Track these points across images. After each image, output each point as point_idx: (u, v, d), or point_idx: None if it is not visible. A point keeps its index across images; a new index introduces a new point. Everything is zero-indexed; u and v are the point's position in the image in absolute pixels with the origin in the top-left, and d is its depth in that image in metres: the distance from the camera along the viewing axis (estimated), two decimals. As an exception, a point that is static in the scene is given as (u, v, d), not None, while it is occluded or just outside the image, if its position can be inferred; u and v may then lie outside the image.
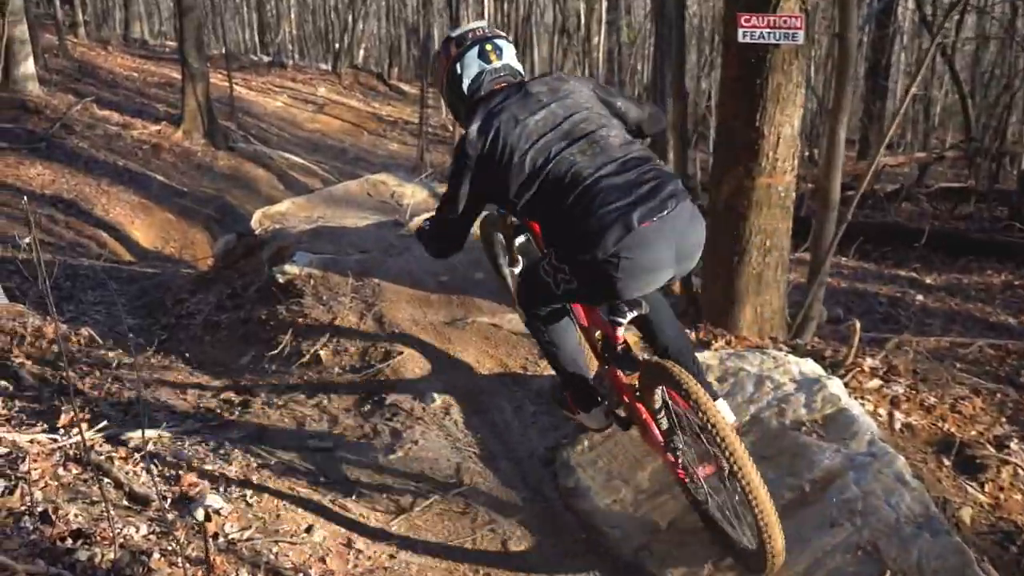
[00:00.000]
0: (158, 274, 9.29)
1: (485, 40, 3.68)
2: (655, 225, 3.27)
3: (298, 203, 8.40)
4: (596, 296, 3.58)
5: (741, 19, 5.18)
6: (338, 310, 5.76)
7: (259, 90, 25.78)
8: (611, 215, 3.27)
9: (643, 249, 3.28)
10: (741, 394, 4.30)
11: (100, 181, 14.76)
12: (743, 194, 5.47)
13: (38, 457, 3.72)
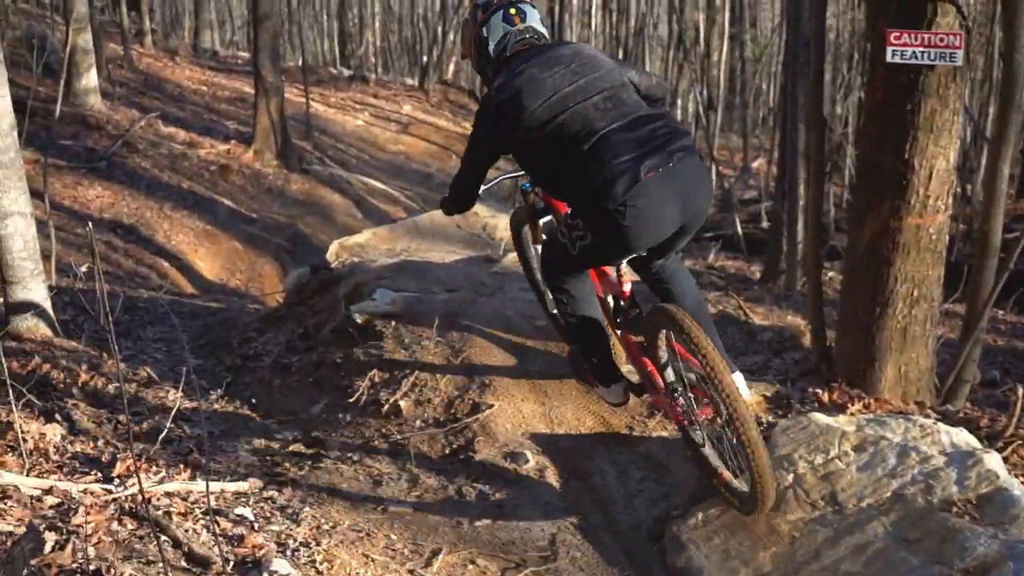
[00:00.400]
0: (223, 309, 9.48)
1: (509, 4, 4.36)
2: (660, 175, 3.90)
3: (379, 234, 8.52)
4: (608, 249, 4.17)
5: (890, 36, 5.13)
6: (422, 355, 5.81)
7: (338, 107, 26.25)
8: (621, 166, 3.88)
9: (649, 199, 3.90)
10: (881, 467, 4.22)
11: (163, 205, 15.15)
12: (888, 236, 5.38)
13: (92, 509, 3.80)
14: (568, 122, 4.03)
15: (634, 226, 3.95)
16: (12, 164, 6.23)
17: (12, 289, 6.44)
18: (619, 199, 3.89)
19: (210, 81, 24.68)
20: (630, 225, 3.93)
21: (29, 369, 5.81)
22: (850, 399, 5.39)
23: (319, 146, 21.45)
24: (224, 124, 20.53)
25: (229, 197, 16.71)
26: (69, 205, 13.84)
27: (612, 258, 4.35)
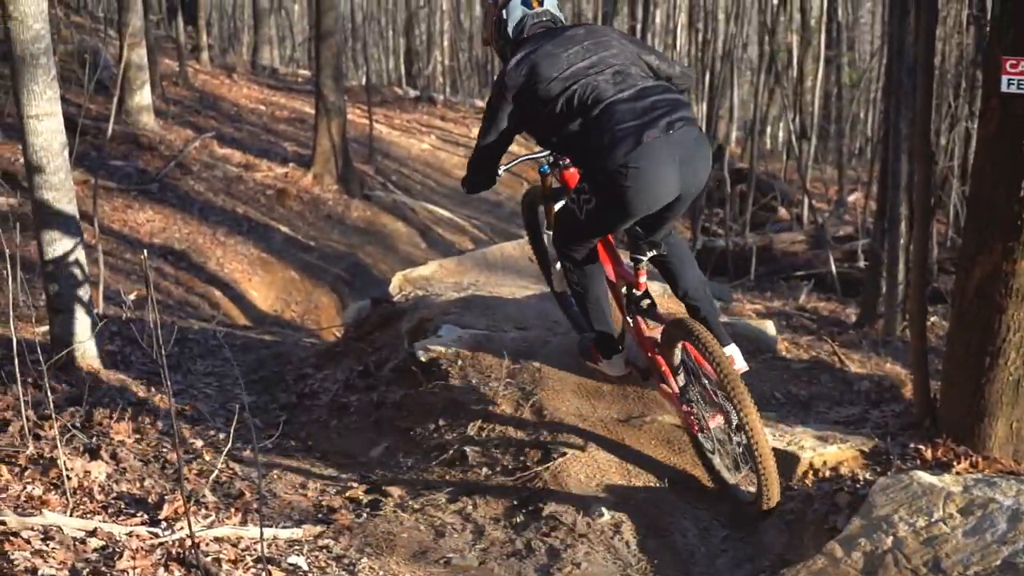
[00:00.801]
0: (277, 343, 9.57)
1: None
2: (661, 141, 4.48)
3: (446, 266, 8.54)
4: (612, 211, 4.71)
5: (1006, 64, 5.08)
6: (490, 398, 5.81)
7: (403, 129, 26.47)
8: (624, 131, 4.50)
9: (649, 161, 4.48)
10: (991, 532, 4.14)
11: (216, 230, 15.35)
12: (1000, 279, 5.30)
13: (137, 553, 3.84)
14: (579, 92, 4.66)
15: (634, 187, 4.54)
16: (62, 186, 6.35)
17: (59, 318, 6.55)
18: (620, 160, 4.50)
19: (268, 100, 25.02)
20: (631, 186, 4.53)
21: (74, 403, 5.90)
22: (956, 457, 5.30)
23: (382, 171, 21.64)
24: (282, 146, 20.80)
25: (286, 223, 16.90)
26: (118, 229, 14.07)
27: (616, 221, 4.85)
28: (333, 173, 18.76)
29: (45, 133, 6.20)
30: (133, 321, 8.99)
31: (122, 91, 16.82)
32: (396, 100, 30.61)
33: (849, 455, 5.31)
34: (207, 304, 13.01)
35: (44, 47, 6.11)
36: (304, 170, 18.80)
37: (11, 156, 14.54)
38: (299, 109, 24.27)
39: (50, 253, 6.45)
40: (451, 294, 7.46)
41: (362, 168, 20.50)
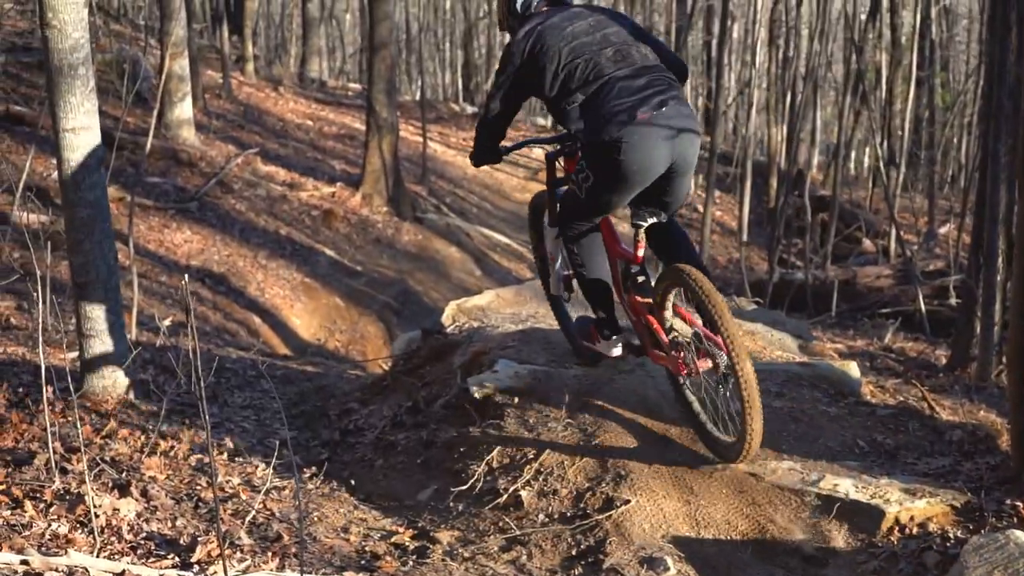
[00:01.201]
0: (320, 375, 9.60)
1: None
2: (652, 118, 5.07)
3: (503, 296, 8.54)
4: (608, 186, 5.28)
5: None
6: (548, 439, 5.79)
7: (459, 148, 26.59)
8: (619, 107, 5.08)
9: (641, 136, 5.06)
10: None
11: (257, 253, 15.48)
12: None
13: (167, 599, 3.85)
14: (582, 66, 5.24)
15: (627, 160, 5.11)
16: (98, 204, 6.42)
17: (89, 343, 6.60)
18: (614, 134, 5.09)
19: (316, 115, 25.22)
20: (624, 159, 5.11)
21: (104, 435, 5.94)
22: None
23: (436, 192, 21.74)
24: (330, 164, 20.96)
25: (332, 246, 17.01)
26: (154, 249, 14.22)
27: (613, 197, 5.40)
28: (383, 194, 18.86)
29: (81, 147, 6.27)
30: (168, 348, 9.06)
31: (162, 104, 17.01)
32: (452, 117, 30.75)
33: (939, 511, 5.23)
34: (246, 331, 13.11)
35: (83, 57, 6.18)
36: (352, 190, 18.92)
37: (43, 171, 14.74)
38: (348, 125, 24.46)
39: (82, 275, 6.51)
40: (508, 326, 7.45)
41: (414, 189, 20.61)
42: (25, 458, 5.26)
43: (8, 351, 8.41)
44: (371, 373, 9.97)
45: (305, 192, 18.71)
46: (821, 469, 5.51)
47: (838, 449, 5.81)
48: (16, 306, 10.28)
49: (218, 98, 23.10)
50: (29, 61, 19.40)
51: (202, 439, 6.23)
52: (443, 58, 42.70)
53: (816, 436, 5.92)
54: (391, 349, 12.95)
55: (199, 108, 20.45)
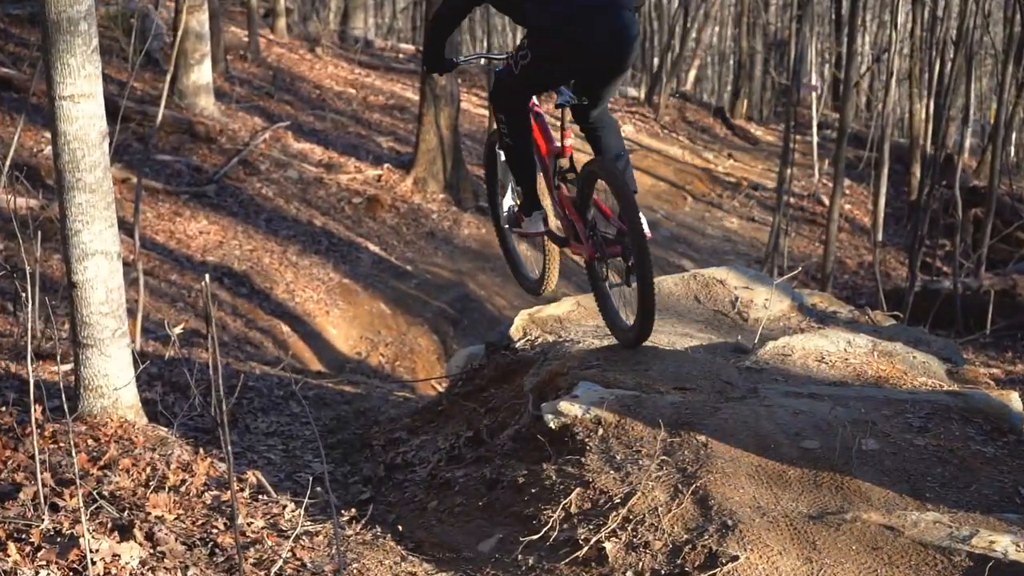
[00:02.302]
0: (361, 396, 9.64)
1: None
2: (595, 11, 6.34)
3: (585, 305, 8.53)
4: (545, 67, 6.59)
5: None
6: (638, 480, 5.77)
7: (532, 124, 26.57)
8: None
9: (580, 23, 6.33)
10: None
11: (287, 248, 15.56)
12: None
13: (177, 665, 3.87)
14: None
15: (566, 43, 6.41)
16: (99, 186, 6.43)
17: (86, 355, 6.62)
18: (557, 17, 6.36)
19: (360, 82, 25.31)
20: (562, 41, 6.41)
21: (102, 465, 5.98)
22: None
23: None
24: (375, 141, 21.04)
25: (376, 241, 17.07)
26: (163, 242, 14.33)
27: (547, 77, 6.77)
28: (440, 178, 18.90)
29: (81, 119, 6.29)
30: (179, 362, 9.13)
31: (176, 66, 17.12)
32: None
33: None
34: (272, 342, 13.19)
35: (85, 10, 6.20)
36: (403, 173, 18.98)
37: (34, 145, 14.92)
38: (399, 94, 24.55)
39: (78, 271, 6.51)
40: (591, 341, 7.43)
41: (477, 172, 20.61)
42: (9, 491, 5.30)
43: (-11, 362, 8.50)
44: (422, 395, 10.01)
45: (345, 175, 18.80)
46: (974, 523, 5.45)
47: (995, 498, 5.74)
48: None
49: (243, 60, 23.28)
50: (19, 14, 19.63)
51: (219, 472, 6.27)
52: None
53: (968, 482, 5.86)
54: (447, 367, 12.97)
55: (220, 72, 20.61)
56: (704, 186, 26.58)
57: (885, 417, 6.31)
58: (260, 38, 24.50)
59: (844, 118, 20.12)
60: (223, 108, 19.13)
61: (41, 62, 6.46)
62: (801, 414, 6.16)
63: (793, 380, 7.03)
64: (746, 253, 22.57)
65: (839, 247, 21.70)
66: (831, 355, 7.41)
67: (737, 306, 8.80)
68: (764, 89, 39.05)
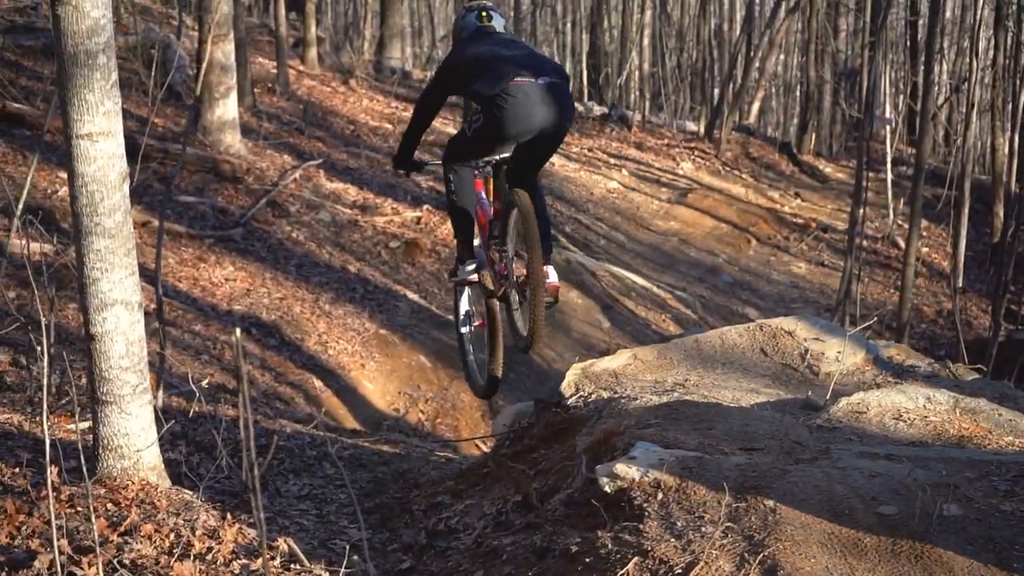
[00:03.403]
0: (400, 457, 9.65)
1: (482, 8, 8.27)
2: (534, 84, 7.59)
3: (642, 358, 8.53)
4: (492, 130, 7.74)
5: None
6: (701, 548, 5.75)
7: (582, 161, 26.67)
8: (508, 70, 7.62)
9: (522, 95, 7.56)
10: None
11: (319, 296, 15.60)
12: None
13: None
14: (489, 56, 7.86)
15: (509, 110, 7.59)
16: (119, 231, 6.46)
17: (105, 412, 6.62)
18: (500, 88, 7.59)
19: (397, 116, 25.44)
20: (507, 109, 7.59)
21: (123, 531, 6.00)
22: None
23: (552, 218, 21.73)
24: (414, 180, 21.10)
25: (415, 288, 17.10)
26: (186, 289, 14.40)
27: (495, 142, 7.95)
28: (484, 220, 18.90)
29: (100, 159, 6.31)
30: (204, 419, 9.16)
31: (200, 101, 17.20)
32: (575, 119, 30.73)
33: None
34: (303, 398, 13.21)
35: (104, 42, 6.23)
36: (443, 215, 18.98)
37: (48, 186, 15.03)
38: (438, 129, 24.56)
39: (97, 323, 6.52)
40: (649, 398, 7.43)
41: (524, 214, 20.62)
42: (23, 559, 5.32)
43: (1, 419, 8.52)
44: (466, 456, 10.00)
45: (382, 217, 18.87)
46: (1067, 595, 5.41)
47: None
48: (11, 360, 10.46)
49: (271, 93, 23.41)
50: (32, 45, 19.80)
51: (249, 539, 6.28)
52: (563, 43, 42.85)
53: (1060, 551, 5.81)
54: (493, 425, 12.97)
55: (246, 107, 20.73)
56: (769, 228, 26.54)
57: (968, 480, 6.28)
58: (289, 70, 24.63)
59: (921, 153, 20.04)
60: (250, 145, 19.22)
61: (56, 97, 6.48)
62: (877, 477, 6.13)
63: (868, 440, 7.00)
64: (815, 300, 22.52)
65: (916, 294, 21.61)
66: (909, 412, 7.38)
67: (807, 359, 8.79)
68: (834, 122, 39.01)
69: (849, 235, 20.84)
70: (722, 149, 30.81)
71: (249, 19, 25.66)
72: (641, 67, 37.07)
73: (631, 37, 36.95)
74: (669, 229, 24.33)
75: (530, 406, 8.23)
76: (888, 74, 35.64)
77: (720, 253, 24.13)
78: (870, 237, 25.12)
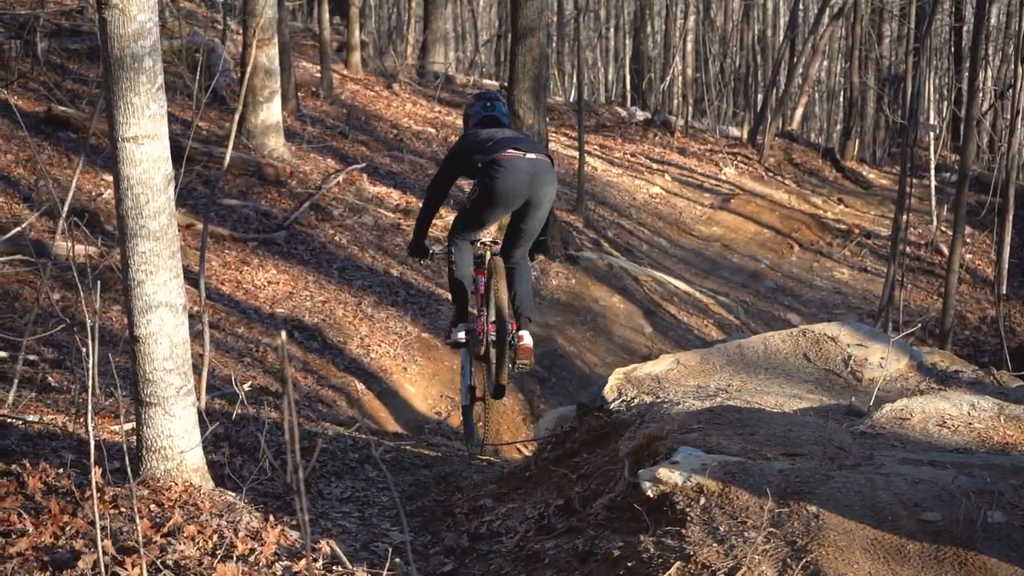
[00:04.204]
0: (441, 460, 9.65)
1: (489, 98, 9.57)
2: (521, 159, 8.77)
3: (685, 363, 8.51)
4: (486, 198, 8.86)
5: None
6: (744, 553, 5.72)
7: (624, 165, 26.64)
8: (500, 145, 8.86)
9: (510, 168, 8.75)
10: None
11: (361, 299, 15.62)
12: None
13: None
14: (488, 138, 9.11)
15: (499, 180, 8.79)
16: (164, 234, 6.47)
17: (149, 413, 6.64)
18: (493, 158, 8.81)
19: (440, 120, 25.45)
20: (498, 179, 8.78)
21: (166, 532, 6.01)
22: None
23: (594, 223, 21.79)
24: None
25: (458, 292, 17.07)
26: (230, 292, 14.44)
27: (488, 212, 9.14)
28: (526, 224, 18.89)
29: (145, 162, 6.33)
30: (246, 421, 9.18)
31: (244, 105, 17.21)
32: (617, 125, 30.85)
33: None
34: (345, 401, 13.23)
35: (150, 46, 6.24)
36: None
37: (92, 189, 15.09)
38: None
39: (141, 325, 6.52)
40: (692, 402, 7.41)
41: (566, 219, 20.69)
42: (67, 559, 5.34)
43: (46, 420, 8.55)
44: (508, 460, 9.98)
45: (425, 221, 18.85)
46: (1113, 604, 5.37)
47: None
48: (56, 361, 10.50)
49: (315, 97, 23.47)
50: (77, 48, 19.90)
51: (291, 541, 6.29)
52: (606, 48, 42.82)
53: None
54: (535, 429, 12.95)
55: (290, 110, 20.79)
56: (812, 234, 26.48)
57: (1013, 487, 6.23)
58: (333, 74, 24.67)
59: (965, 160, 19.98)
60: (293, 149, 19.27)
61: (101, 100, 6.50)
62: (921, 483, 6.09)
63: (912, 446, 6.97)
64: (858, 307, 22.45)
65: (959, 300, 21.53)
66: (953, 419, 7.34)
67: (850, 365, 8.75)
68: (877, 128, 38.91)
69: (892, 241, 20.79)
70: (765, 155, 30.77)
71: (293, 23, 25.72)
72: (684, 72, 37.06)
73: (674, 42, 36.99)
74: (712, 234, 24.28)
75: (572, 410, 8.23)
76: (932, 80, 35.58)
77: (763, 259, 24.08)
78: (913, 243, 25.04)
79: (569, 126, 27.14)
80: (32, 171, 14.91)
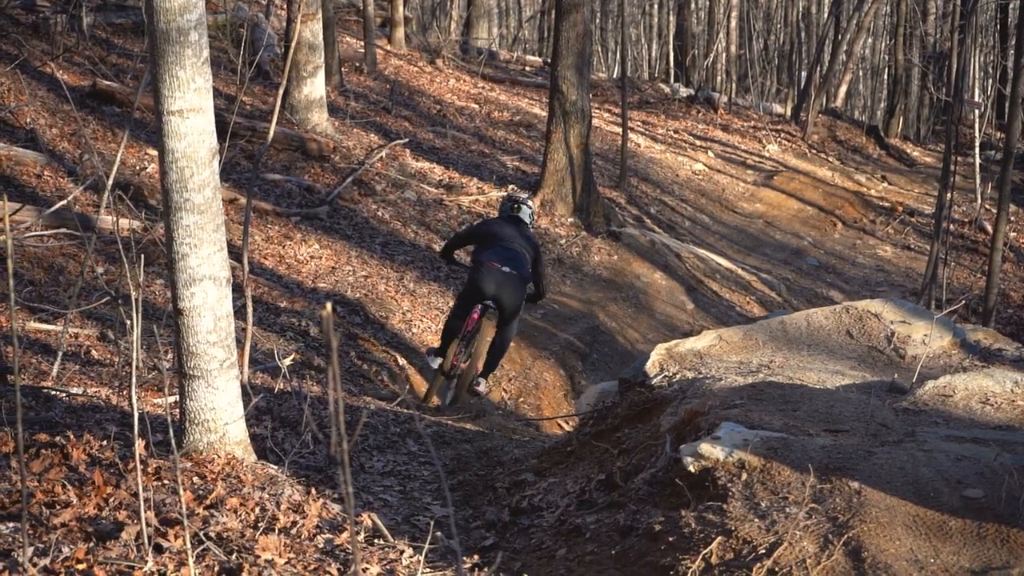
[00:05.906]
0: (483, 435, 9.66)
1: (515, 202, 13.13)
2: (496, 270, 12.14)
3: (727, 339, 8.49)
4: (469, 287, 12.27)
5: None
6: (785, 529, 5.71)
7: (668, 142, 26.56)
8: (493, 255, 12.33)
9: (487, 271, 12.15)
10: None
11: (404, 274, 15.63)
12: None
13: None
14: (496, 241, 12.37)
15: (476, 279, 12.01)
16: (209, 207, 6.48)
17: (193, 386, 6.66)
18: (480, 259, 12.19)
19: (483, 96, 25.42)
20: (477, 280, 12.01)
21: (209, 504, 6.04)
22: None
23: (637, 200, 21.74)
24: (499, 160, 21.11)
25: (500, 268, 17.05)
26: (272, 267, 14.46)
27: (473, 295, 12.06)
28: (569, 200, 18.91)
29: (190, 135, 6.34)
30: (289, 395, 9.20)
31: (287, 80, 17.25)
32: (661, 101, 30.78)
33: None
34: (387, 375, 13.24)
35: (196, 19, 6.25)
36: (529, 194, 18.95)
37: (137, 163, 15.13)
38: (525, 110, 24.63)
39: (185, 298, 6.54)
40: (734, 378, 7.39)
41: (609, 195, 20.65)
42: (111, 530, 5.36)
43: (89, 392, 8.59)
44: (550, 434, 9.98)
45: (467, 196, 18.88)
46: None
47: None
48: (100, 335, 10.53)
49: (358, 73, 23.48)
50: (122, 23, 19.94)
51: (332, 513, 6.30)
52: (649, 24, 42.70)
53: None
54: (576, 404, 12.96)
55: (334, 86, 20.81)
56: (855, 211, 26.38)
57: (1057, 465, 6.21)
58: (377, 49, 24.67)
59: (1010, 138, 19.83)
60: (337, 124, 19.26)
61: (146, 74, 6.51)
62: (963, 460, 6.07)
63: (955, 423, 6.94)
64: (901, 284, 22.36)
65: (1003, 279, 21.41)
66: (996, 396, 7.31)
67: (893, 342, 8.72)
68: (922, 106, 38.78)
69: (936, 219, 20.67)
70: (809, 132, 30.66)
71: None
72: (728, 49, 36.93)
73: (718, 19, 36.83)
74: (754, 211, 24.20)
75: (614, 386, 8.21)
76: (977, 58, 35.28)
77: (805, 236, 23.99)
78: (957, 221, 24.91)
79: (612, 102, 27.08)
80: (77, 145, 14.95)
